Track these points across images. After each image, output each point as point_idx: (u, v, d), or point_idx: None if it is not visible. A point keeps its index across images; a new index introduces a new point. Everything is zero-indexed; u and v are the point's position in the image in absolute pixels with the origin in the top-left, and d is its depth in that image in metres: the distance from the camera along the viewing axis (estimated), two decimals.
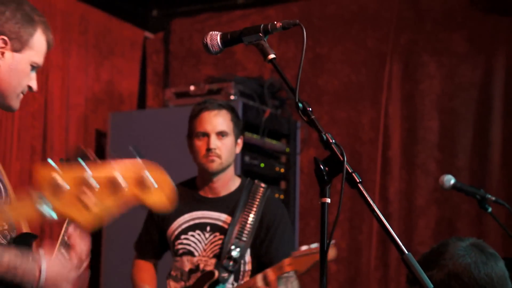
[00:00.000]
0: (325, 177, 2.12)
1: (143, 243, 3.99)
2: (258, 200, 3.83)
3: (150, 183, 1.57)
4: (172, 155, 5.34)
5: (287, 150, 5.71)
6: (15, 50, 2.45)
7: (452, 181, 3.78)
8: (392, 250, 5.51)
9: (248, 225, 3.76)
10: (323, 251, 2.09)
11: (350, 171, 2.11)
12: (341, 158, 2.11)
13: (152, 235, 3.94)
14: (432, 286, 1.95)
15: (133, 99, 6.36)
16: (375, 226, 5.55)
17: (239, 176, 3.96)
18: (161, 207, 1.60)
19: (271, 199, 3.92)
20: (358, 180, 2.11)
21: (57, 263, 2.40)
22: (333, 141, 2.14)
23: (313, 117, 2.19)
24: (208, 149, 3.74)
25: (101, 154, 5.78)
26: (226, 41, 2.43)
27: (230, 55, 6.19)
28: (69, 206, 1.51)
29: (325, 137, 2.14)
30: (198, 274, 3.76)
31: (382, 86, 5.71)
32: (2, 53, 2.44)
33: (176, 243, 3.82)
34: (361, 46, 5.86)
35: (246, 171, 5.27)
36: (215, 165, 3.76)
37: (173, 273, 3.86)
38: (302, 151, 5.80)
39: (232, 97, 5.37)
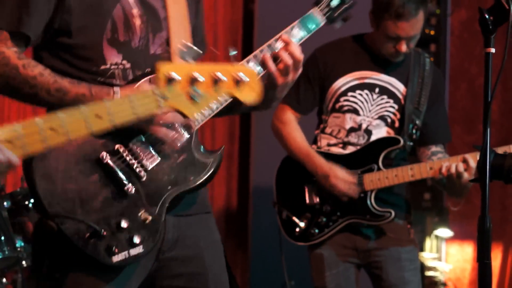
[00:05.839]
0: (490, 27, 2.08)
1: (301, 95, 3.88)
2: (428, 71, 3.82)
3: (243, 79, 1.84)
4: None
5: (437, 11, 5.55)
6: None
7: None
8: None
9: (422, 98, 3.77)
10: (486, 102, 2.08)
11: None
12: (507, 7, 2.06)
13: (313, 86, 3.86)
14: None
15: None
16: None
17: None
18: (251, 101, 1.88)
19: (437, 70, 3.96)
20: None
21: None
22: None
23: None
24: (397, 52, 3.69)
25: (250, 19, 5.80)
26: None
27: None
28: (179, 98, 1.76)
29: None
30: (359, 133, 3.77)
31: None
32: None
33: (341, 99, 3.80)
34: None
35: None
36: (400, 58, 3.76)
37: (327, 129, 3.85)
38: (453, 13, 5.62)
39: None
